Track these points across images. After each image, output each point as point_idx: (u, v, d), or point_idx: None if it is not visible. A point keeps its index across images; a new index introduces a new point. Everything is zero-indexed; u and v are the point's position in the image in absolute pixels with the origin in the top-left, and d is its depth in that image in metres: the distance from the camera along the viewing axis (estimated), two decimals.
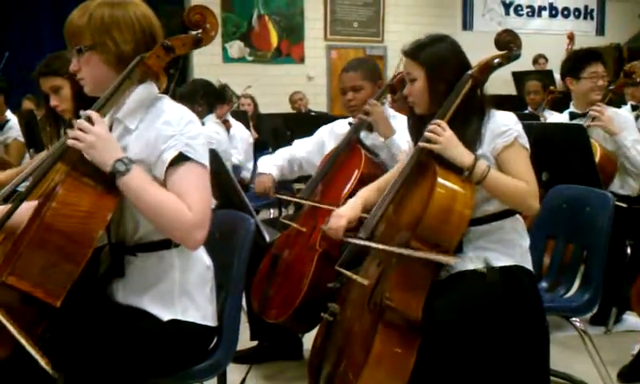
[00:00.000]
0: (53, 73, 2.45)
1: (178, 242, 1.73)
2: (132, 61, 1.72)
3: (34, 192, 1.71)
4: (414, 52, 2.14)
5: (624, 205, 3.25)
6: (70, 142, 1.66)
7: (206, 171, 1.73)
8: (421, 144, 2.06)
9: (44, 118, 2.70)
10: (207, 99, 4.23)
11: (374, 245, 2.03)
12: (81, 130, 1.65)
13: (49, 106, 2.54)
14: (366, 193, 2.37)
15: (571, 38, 7.78)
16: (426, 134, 2.05)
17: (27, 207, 1.65)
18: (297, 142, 3.27)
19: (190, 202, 1.65)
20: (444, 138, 2.02)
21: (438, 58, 2.12)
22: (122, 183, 1.64)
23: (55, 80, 2.45)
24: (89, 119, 1.66)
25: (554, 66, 8.38)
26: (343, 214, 2.25)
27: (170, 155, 1.67)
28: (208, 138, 3.64)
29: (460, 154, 2.02)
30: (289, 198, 3.09)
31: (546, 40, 10.08)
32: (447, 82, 2.10)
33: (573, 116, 3.50)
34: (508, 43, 2.14)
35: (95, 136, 1.64)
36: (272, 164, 3.14)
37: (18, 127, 4.08)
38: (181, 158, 1.67)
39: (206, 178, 1.73)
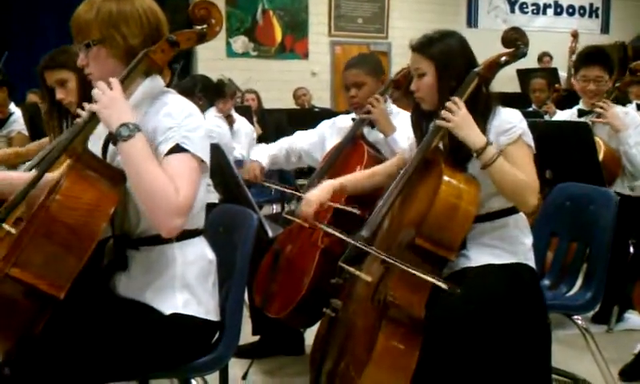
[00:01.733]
0: (59, 66, 2.45)
1: (155, 224, 1.67)
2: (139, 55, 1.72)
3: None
4: (424, 46, 2.14)
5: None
6: (86, 104, 1.69)
7: (202, 164, 1.73)
8: (438, 122, 2.05)
9: (46, 113, 2.70)
10: (206, 94, 4.23)
11: (372, 251, 2.02)
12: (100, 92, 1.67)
13: (52, 100, 2.54)
14: (352, 178, 2.40)
15: (575, 35, 7.77)
16: (442, 112, 2.04)
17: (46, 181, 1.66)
18: (298, 133, 3.27)
19: (179, 186, 1.63)
20: (459, 116, 2.02)
21: (448, 54, 2.11)
22: (122, 148, 1.64)
23: (61, 73, 2.45)
24: (108, 84, 1.68)
25: (559, 63, 8.37)
26: (313, 200, 2.26)
27: (166, 147, 1.67)
28: (209, 132, 3.66)
29: (473, 134, 2.01)
30: (273, 186, 3.15)
31: (551, 38, 10.06)
32: (456, 78, 2.09)
33: (581, 113, 3.49)
34: (515, 41, 2.13)
35: (109, 97, 1.66)
36: (265, 153, 3.15)
37: (21, 120, 4.09)
38: (177, 149, 1.67)
39: (199, 170, 1.71)
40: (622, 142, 3.26)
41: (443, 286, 1.84)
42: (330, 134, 3.15)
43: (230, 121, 4.86)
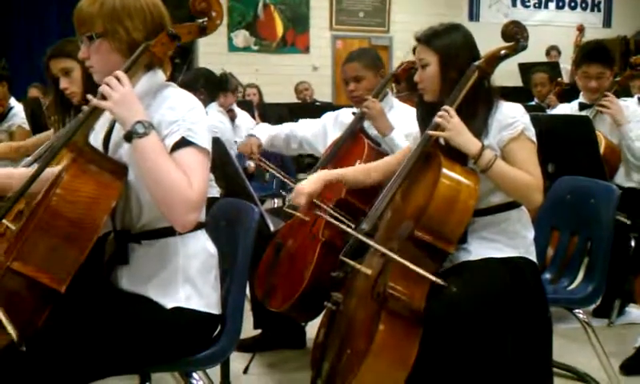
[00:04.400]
0: (65, 54, 2.46)
1: (171, 220, 1.68)
2: None
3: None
4: (429, 38, 2.15)
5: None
6: (95, 101, 1.67)
7: (208, 156, 1.74)
8: (429, 132, 2.06)
9: (50, 105, 2.70)
10: (208, 88, 4.22)
11: (372, 243, 2.02)
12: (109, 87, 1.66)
13: (57, 91, 2.54)
14: (349, 171, 2.41)
15: (581, 30, 7.75)
16: (435, 120, 2.05)
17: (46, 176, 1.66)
18: (302, 121, 3.27)
19: (192, 180, 1.65)
20: (451, 124, 2.03)
21: (452, 47, 2.12)
22: (137, 145, 1.64)
23: (66, 62, 2.46)
24: (117, 79, 1.67)
25: (561, 57, 8.37)
26: (306, 191, 2.26)
27: (172, 140, 1.68)
28: (212, 127, 3.66)
29: (467, 141, 2.03)
30: (268, 168, 3.13)
31: (553, 32, 10.06)
32: (459, 71, 2.10)
33: (582, 106, 3.49)
34: (514, 35, 2.13)
35: (121, 94, 1.65)
36: (265, 131, 3.16)
37: (22, 114, 4.08)
38: (183, 143, 1.68)
39: (207, 163, 1.73)
40: (624, 136, 3.26)
41: (439, 282, 1.86)
42: (332, 127, 3.15)
43: (231, 115, 4.86)
